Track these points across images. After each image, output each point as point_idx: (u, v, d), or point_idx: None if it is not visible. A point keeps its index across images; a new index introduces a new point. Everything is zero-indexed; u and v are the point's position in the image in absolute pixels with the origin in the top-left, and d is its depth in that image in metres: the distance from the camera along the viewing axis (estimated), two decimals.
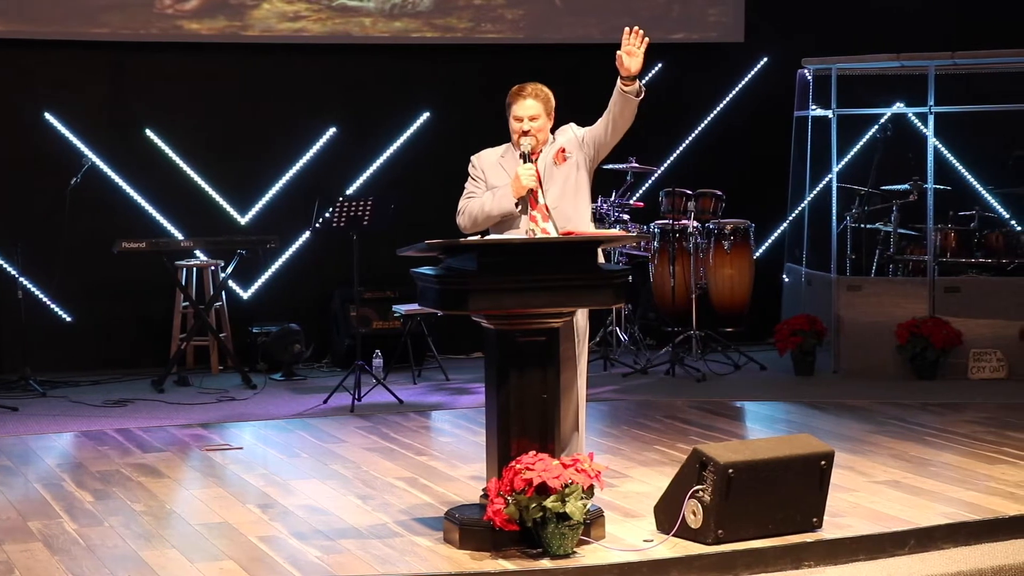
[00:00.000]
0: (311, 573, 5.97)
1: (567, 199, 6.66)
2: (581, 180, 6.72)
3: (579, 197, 6.71)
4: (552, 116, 6.74)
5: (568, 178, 6.68)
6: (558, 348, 6.35)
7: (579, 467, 6.06)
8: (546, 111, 6.71)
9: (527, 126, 6.65)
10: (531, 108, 6.68)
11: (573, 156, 6.70)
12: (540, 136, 6.67)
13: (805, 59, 11.71)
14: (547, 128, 6.72)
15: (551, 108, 6.74)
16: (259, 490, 7.43)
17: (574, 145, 6.72)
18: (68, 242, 10.63)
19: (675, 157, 12.54)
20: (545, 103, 6.71)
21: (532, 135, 6.63)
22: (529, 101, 6.69)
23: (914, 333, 10.57)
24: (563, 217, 6.62)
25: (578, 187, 6.71)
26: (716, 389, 10.40)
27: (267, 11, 11.38)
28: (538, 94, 6.72)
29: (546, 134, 6.72)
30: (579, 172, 6.71)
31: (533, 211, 6.61)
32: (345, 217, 9.96)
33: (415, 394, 10.29)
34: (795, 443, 6.54)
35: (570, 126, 6.81)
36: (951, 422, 9.01)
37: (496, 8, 11.91)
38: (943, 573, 6.16)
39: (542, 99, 6.71)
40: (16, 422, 9.37)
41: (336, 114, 11.67)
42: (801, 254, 12.00)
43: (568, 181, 6.68)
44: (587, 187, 6.76)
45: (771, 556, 6.18)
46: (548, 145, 6.72)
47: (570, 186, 6.68)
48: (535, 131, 6.65)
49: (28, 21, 10.88)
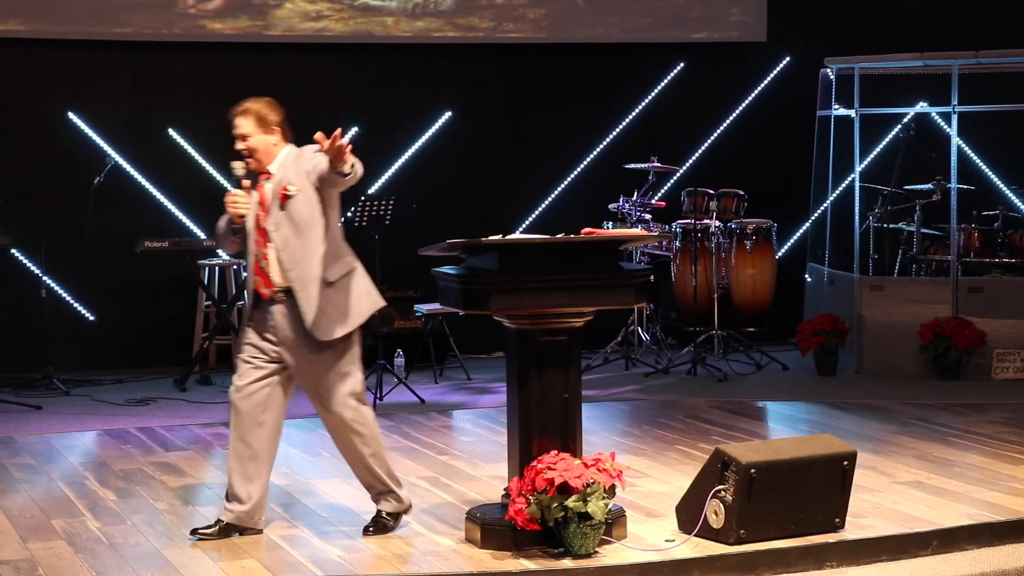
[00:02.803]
0: (333, 572, 5.98)
1: (293, 241, 6.25)
2: (312, 215, 6.26)
3: (310, 234, 6.27)
4: (274, 128, 6.32)
5: (293, 216, 6.25)
6: (580, 348, 6.35)
7: (601, 467, 6.05)
8: (259, 126, 6.28)
9: (240, 146, 6.30)
10: (240, 127, 6.29)
11: (300, 192, 6.25)
12: (259, 155, 6.28)
13: (828, 58, 11.69)
14: (267, 143, 6.29)
15: (269, 121, 6.30)
16: (281, 489, 7.44)
17: (301, 174, 6.26)
18: (91, 241, 10.66)
19: (697, 157, 12.52)
20: (256, 118, 6.28)
21: (247, 157, 6.28)
22: (238, 120, 6.29)
23: (937, 333, 10.54)
24: (290, 259, 6.25)
25: (308, 224, 6.26)
26: (738, 389, 10.38)
27: (289, 11, 11.40)
28: (246, 111, 6.30)
29: (267, 149, 6.29)
30: (309, 206, 6.26)
31: (257, 235, 6.32)
32: (367, 216, 9.96)
33: (437, 393, 10.30)
34: (817, 443, 6.52)
35: (311, 148, 6.31)
36: (974, 422, 8.98)
37: (518, 7, 11.90)
38: (966, 574, 6.14)
39: (251, 115, 6.28)
40: (40, 421, 9.40)
41: (358, 114, 11.68)
42: (824, 254, 11.97)
43: (294, 220, 6.25)
44: (319, 221, 6.27)
45: (793, 556, 6.17)
46: (279, 163, 6.31)
47: (299, 224, 6.25)
48: (247, 150, 6.28)
49: (51, 21, 10.92)
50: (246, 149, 6.31)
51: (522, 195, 12.05)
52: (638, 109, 12.37)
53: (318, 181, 6.23)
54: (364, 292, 6.39)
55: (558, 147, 12.16)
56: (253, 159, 6.32)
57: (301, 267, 6.26)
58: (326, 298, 6.27)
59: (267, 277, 6.31)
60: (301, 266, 6.26)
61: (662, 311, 11.98)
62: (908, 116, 11.73)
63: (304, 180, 6.26)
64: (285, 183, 6.25)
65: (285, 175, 6.28)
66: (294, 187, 6.24)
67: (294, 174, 6.27)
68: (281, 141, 6.37)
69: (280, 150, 6.36)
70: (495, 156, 12.00)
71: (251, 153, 6.31)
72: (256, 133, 6.30)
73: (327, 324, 6.27)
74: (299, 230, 6.25)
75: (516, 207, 11.97)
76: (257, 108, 6.32)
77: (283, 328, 6.33)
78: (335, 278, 6.30)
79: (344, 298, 6.31)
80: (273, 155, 6.34)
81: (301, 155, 6.33)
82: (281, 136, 6.36)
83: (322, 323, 6.26)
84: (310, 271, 6.26)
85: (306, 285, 6.26)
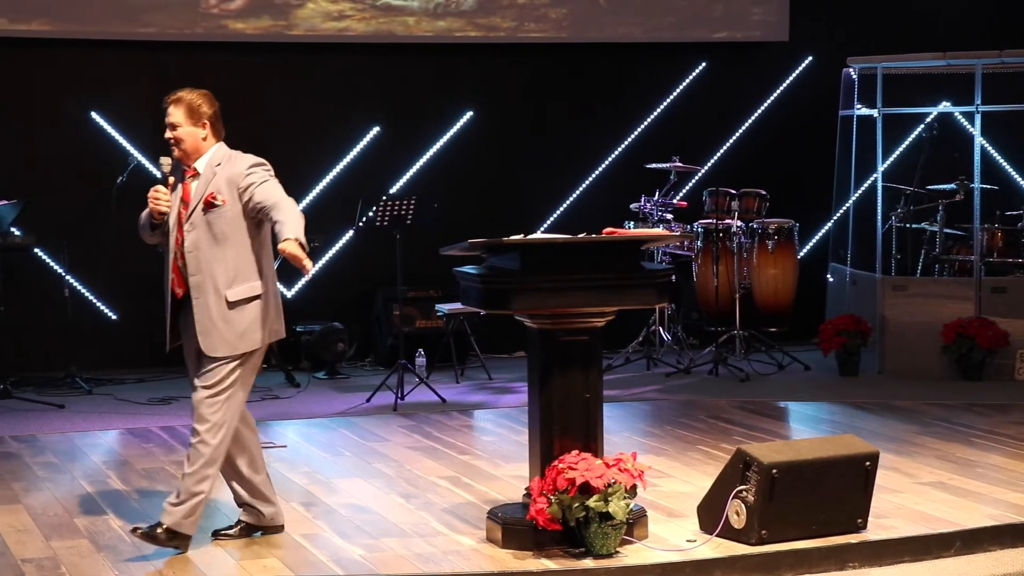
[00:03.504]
0: (354, 571, 5.99)
1: (206, 249, 6.11)
2: (232, 231, 6.14)
3: (225, 247, 6.12)
4: (205, 122, 6.19)
5: (211, 225, 6.12)
6: (601, 348, 6.34)
7: (622, 467, 6.05)
8: (190, 117, 6.15)
9: (168, 135, 6.17)
10: (171, 115, 6.15)
11: (227, 203, 6.12)
12: (186, 147, 6.16)
13: (850, 58, 11.66)
14: (195, 136, 6.16)
15: (201, 114, 6.16)
16: (303, 488, 7.46)
17: (232, 187, 6.13)
18: (114, 241, 10.69)
19: (719, 156, 12.51)
20: (188, 109, 6.15)
21: (173, 147, 6.16)
22: (170, 108, 6.15)
23: (960, 333, 10.51)
24: (195, 264, 6.11)
25: (225, 237, 6.13)
26: (760, 389, 10.36)
27: (312, 10, 11.42)
28: (179, 100, 6.15)
29: (195, 142, 6.16)
30: (230, 223, 6.13)
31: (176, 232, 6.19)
32: (388, 216, 9.97)
33: (458, 393, 10.30)
34: (839, 444, 6.51)
35: (247, 159, 6.22)
36: (997, 423, 8.96)
37: (540, 7, 11.90)
38: (989, 575, 6.12)
39: (183, 104, 6.14)
40: (62, 419, 9.43)
41: (380, 113, 11.69)
42: (846, 254, 11.94)
43: (212, 228, 6.12)
44: (237, 240, 6.14)
45: (815, 557, 6.16)
46: (207, 162, 6.18)
47: (215, 234, 6.12)
48: (174, 139, 6.15)
49: (74, 21, 10.95)
50: (174, 139, 6.16)
51: (543, 195, 12.05)
52: (660, 109, 12.36)
53: (247, 205, 6.11)
54: (262, 320, 6.18)
55: (580, 147, 12.15)
56: (179, 149, 6.17)
57: (203, 275, 6.11)
58: (222, 315, 6.10)
59: (181, 276, 6.18)
60: (203, 274, 6.11)
61: (683, 311, 11.96)
62: (931, 116, 11.69)
63: (234, 194, 6.12)
64: (215, 191, 6.11)
65: (215, 180, 6.12)
66: (221, 198, 6.10)
67: (225, 183, 6.12)
68: (211, 136, 6.21)
69: (209, 146, 6.20)
70: (516, 156, 12.00)
71: (178, 143, 6.16)
72: (185, 124, 6.15)
73: (215, 341, 6.11)
74: (214, 239, 6.11)
75: (537, 207, 11.97)
76: (190, 99, 6.18)
77: (188, 329, 6.21)
78: (235, 299, 6.12)
79: (240, 321, 6.13)
80: (201, 150, 6.19)
81: (232, 162, 6.17)
82: (212, 131, 6.20)
83: (212, 338, 6.11)
84: (210, 283, 6.11)
85: (203, 294, 6.11)
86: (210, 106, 6.22)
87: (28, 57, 10.97)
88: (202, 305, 6.12)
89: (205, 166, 6.19)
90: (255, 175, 6.14)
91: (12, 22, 10.84)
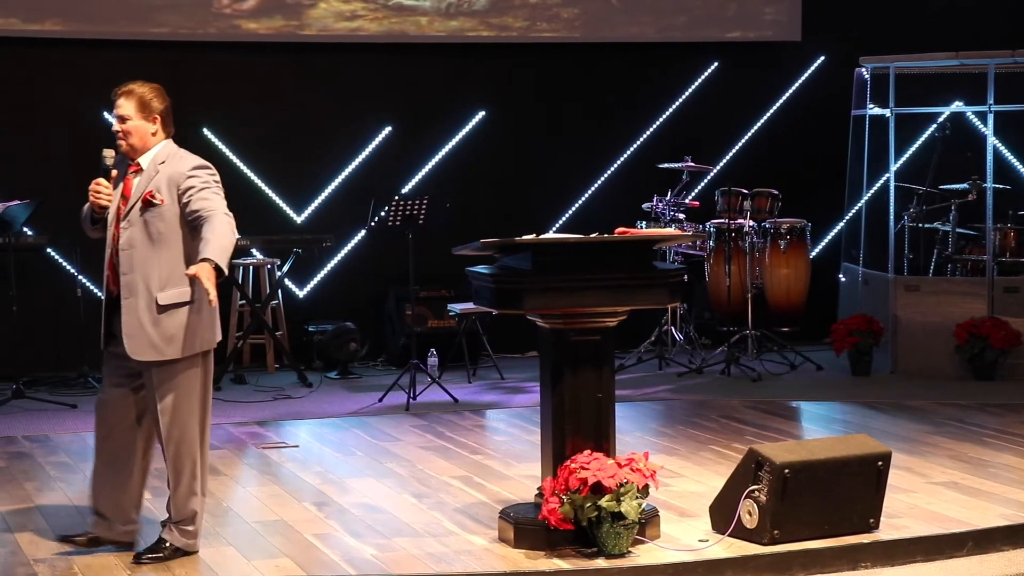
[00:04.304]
0: (366, 571, 5.99)
1: (141, 248, 5.99)
2: (168, 232, 6.01)
3: (160, 248, 5.99)
4: (156, 117, 6.09)
5: (148, 224, 6.00)
6: (613, 347, 6.34)
7: (634, 466, 6.05)
8: (141, 111, 6.06)
9: (116, 127, 6.07)
10: (121, 107, 6.06)
11: (165, 203, 5.99)
12: (134, 140, 6.06)
13: (863, 58, 11.65)
14: (145, 130, 6.06)
15: (152, 108, 6.08)
16: (315, 488, 7.46)
17: (172, 187, 6.00)
18: None
19: (731, 156, 12.50)
20: (139, 102, 6.06)
21: (121, 140, 6.07)
22: (120, 100, 6.06)
23: (973, 333, 10.49)
24: (128, 263, 5.99)
25: (161, 238, 6.00)
26: (772, 389, 10.35)
27: (324, 10, 11.43)
28: (131, 92, 6.08)
29: (143, 137, 6.06)
30: (167, 223, 6.00)
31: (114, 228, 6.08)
32: (400, 216, 9.98)
33: (470, 393, 10.30)
34: (852, 443, 6.50)
35: (191, 159, 6.09)
36: (1010, 423, 8.94)
37: (552, 7, 11.90)
38: (1001, 575, 6.11)
39: (135, 97, 6.05)
40: (75, 419, 9.45)
41: (392, 113, 11.70)
42: (858, 254, 11.93)
43: (148, 227, 6.00)
44: (172, 241, 6.00)
45: (827, 557, 6.15)
46: (152, 158, 6.07)
47: (151, 234, 6.00)
48: (123, 132, 6.05)
49: (86, 21, 10.97)
50: (122, 132, 6.06)
51: (555, 194, 12.05)
52: (672, 109, 12.35)
53: (184, 208, 5.99)
54: (193, 327, 6.03)
55: (592, 146, 12.15)
56: (126, 143, 6.06)
57: (135, 275, 5.99)
58: (151, 318, 5.97)
59: (116, 274, 6.06)
60: (136, 274, 5.99)
61: (696, 311, 11.96)
62: (943, 115, 11.67)
63: (174, 194, 5.99)
64: (155, 189, 5.99)
65: (156, 178, 6.01)
66: (160, 197, 5.98)
67: (166, 182, 6.00)
68: (161, 132, 6.10)
69: (157, 142, 6.09)
70: (529, 155, 12.00)
71: (125, 136, 6.06)
72: (136, 117, 6.05)
73: (141, 345, 5.99)
74: (149, 239, 5.98)
75: (549, 206, 11.97)
76: (142, 92, 6.09)
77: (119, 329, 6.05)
78: (167, 303, 5.98)
79: (169, 326, 5.98)
80: (149, 145, 6.08)
81: (176, 161, 6.06)
82: (162, 127, 6.09)
83: (138, 341, 5.98)
84: (142, 283, 5.98)
85: (134, 295, 5.98)
86: (161, 101, 6.12)
87: (40, 57, 10.99)
88: (131, 306, 5.98)
89: (149, 162, 6.07)
90: (196, 179, 6.00)
91: (25, 22, 10.86)
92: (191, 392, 6.12)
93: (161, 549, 6.17)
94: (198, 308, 6.03)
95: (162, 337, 5.99)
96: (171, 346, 6.00)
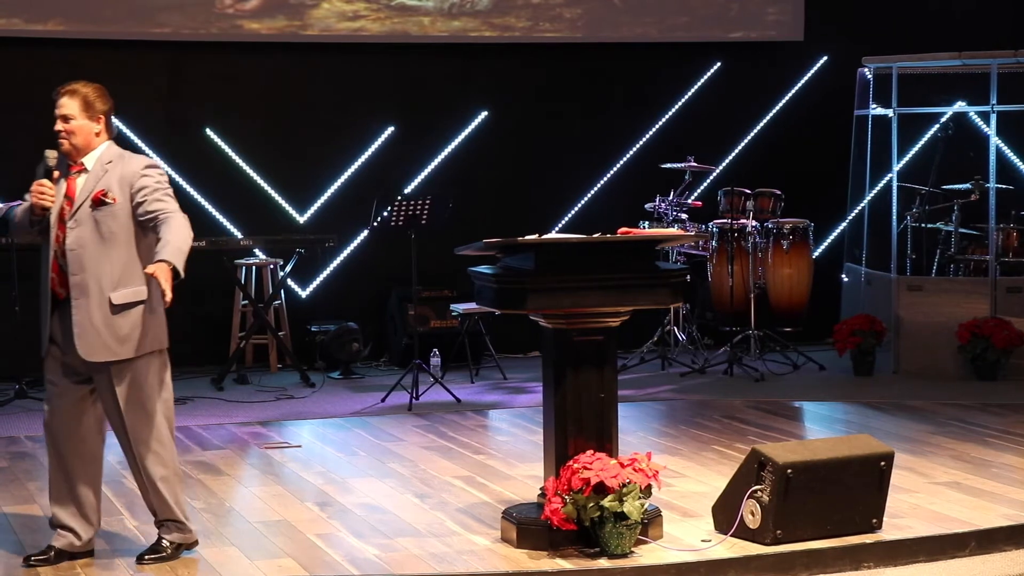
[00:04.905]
0: (369, 571, 5.99)
1: (91, 247, 5.90)
2: (120, 230, 5.93)
3: (111, 247, 5.92)
4: (100, 117, 6.01)
5: (99, 223, 5.90)
6: (616, 347, 6.34)
7: (637, 466, 6.05)
8: (85, 111, 5.97)
9: (59, 127, 5.96)
10: (64, 107, 5.96)
11: (118, 202, 5.91)
12: (77, 140, 5.96)
13: (865, 58, 11.65)
14: (88, 131, 5.97)
15: (96, 109, 6.00)
16: (317, 488, 7.47)
17: (125, 186, 5.93)
18: None
19: (733, 156, 12.49)
20: (83, 102, 5.97)
21: (63, 139, 5.95)
22: (63, 99, 5.97)
23: (975, 333, 10.49)
24: (78, 263, 5.89)
25: (113, 237, 5.92)
26: (774, 389, 10.35)
27: (326, 10, 11.43)
28: (75, 91, 5.99)
29: (87, 137, 5.97)
30: (118, 222, 5.91)
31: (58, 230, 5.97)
32: (403, 216, 9.98)
33: (472, 393, 10.31)
34: (854, 444, 6.50)
35: (140, 159, 6.04)
36: (1012, 423, 8.94)
37: (554, 7, 11.90)
38: (1004, 575, 6.11)
39: (79, 97, 5.97)
40: None
41: (394, 113, 11.71)
42: (861, 254, 11.93)
43: (99, 227, 5.91)
44: (124, 239, 5.93)
45: (830, 557, 6.15)
46: (96, 159, 5.98)
47: (103, 233, 5.91)
48: (66, 132, 5.95)
49: (90, 21, 10.97)
50: (65, 131, 5.96)
51: (558, 195, 12.05)
52: (674, 109, 12.35)
53: (136, 208, 5.92)
54: (147, 326, 5.96)
55: (594, 147, 12.15)
56: (69, 143, 5.96)
57: (86, 275, 5.91)
58: (104, 318, 5.90)
59: (63, 276, 5.97)
60: (87, 274, 5.91)
61: (698, 311, 11.96)
62: (946, 115, 11.66)
63: (126, 194, 5.92)
64: (105, 188, 5.91)
65: (105, 177, 5.93)
66: (112, 196, 5.90)
67: (117, 183, 5.93)
68: (104, 133, 6.03)
69: (100, 143, 6.02)
70: (531, 155, 12.00)
71: (69, 136, 5.96)
72: (80, 117, 5.96)
73: (94, 345, 5.91)
74: (101, 238, 5.90)
75: (552, 207, 11.97)
76: (86, 92, 6.01)
77: (66, 332, 5.98)
78: (120, 302, 5.91)
79: (123, 326, 5.91)
80: (92, 146, 6.00)
81: (125, 162, 5.99)
82: (105, 128, 6.03)
83: (91, 342, 5.91)
84: (94, 283, 5.90)
85: (84, 295, 5.91)
86: (105, 102, 6.05)
87: (42, 57, 10.98)
88: (82, 307, 5.90)
89: (94, 163, 5.98)
90: (149, 179, 5.95)
91: (27, 22, 10.87)
92: (152, 390, 6.05)
93: (162, 549, 6.16)
94: (152, 307, 5.98)
95: (115, 337, 5.93)
96: (124, 346, 5.95)
